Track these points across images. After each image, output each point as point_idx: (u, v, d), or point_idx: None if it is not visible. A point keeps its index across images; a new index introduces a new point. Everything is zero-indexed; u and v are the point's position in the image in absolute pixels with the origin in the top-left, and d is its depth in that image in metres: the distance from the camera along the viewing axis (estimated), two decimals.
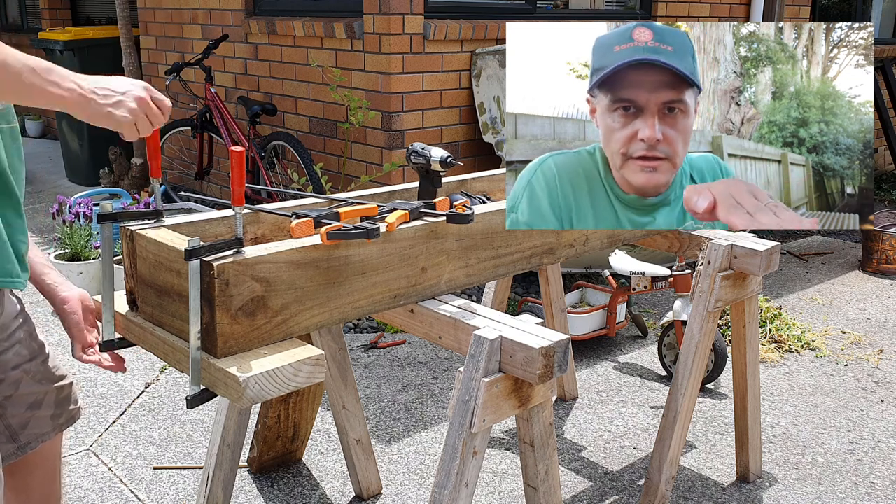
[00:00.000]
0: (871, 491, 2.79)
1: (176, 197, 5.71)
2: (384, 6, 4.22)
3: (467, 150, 4.69)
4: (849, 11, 7.58)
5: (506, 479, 2.83)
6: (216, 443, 2.39)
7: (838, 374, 3.68)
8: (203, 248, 1.49)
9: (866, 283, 4.94)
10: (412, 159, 2.01)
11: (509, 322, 1.82)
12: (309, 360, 1.54)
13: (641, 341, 4.01)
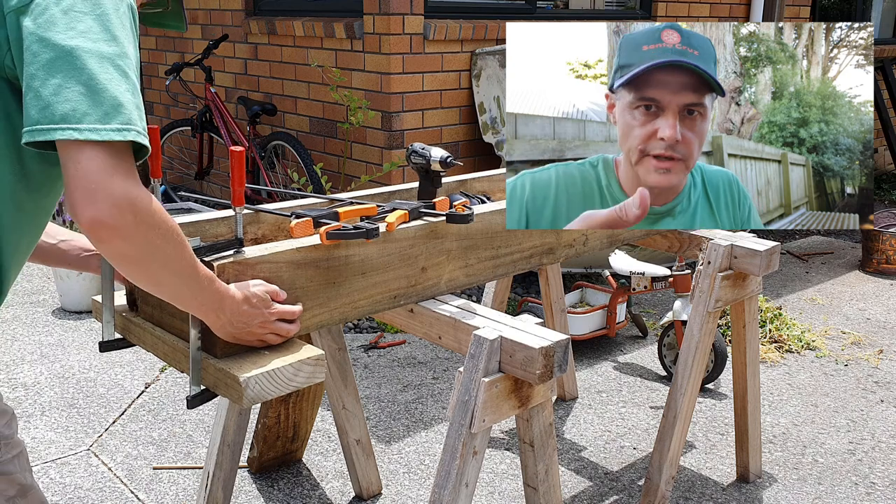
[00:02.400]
0: (871, 491, 2.79)
1: (176, 197, 5.71)
2: (384, 6, 4.22)
3: (467, 150, 4.69)
4: (849, 11, 7.59)
5: (506, 479, 2.83)
6: (216, 443, 2.39)
7: (838, 374, 3.68)
8: (203, 248, 1.49)
9: (866, 283, 4.95)
10: (412, 159, 2.01)
11: (509, 322, 1.82)
12: (309, 361, 1.54)
13: (641, 341, 4.01)
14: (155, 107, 6.39)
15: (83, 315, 4.10)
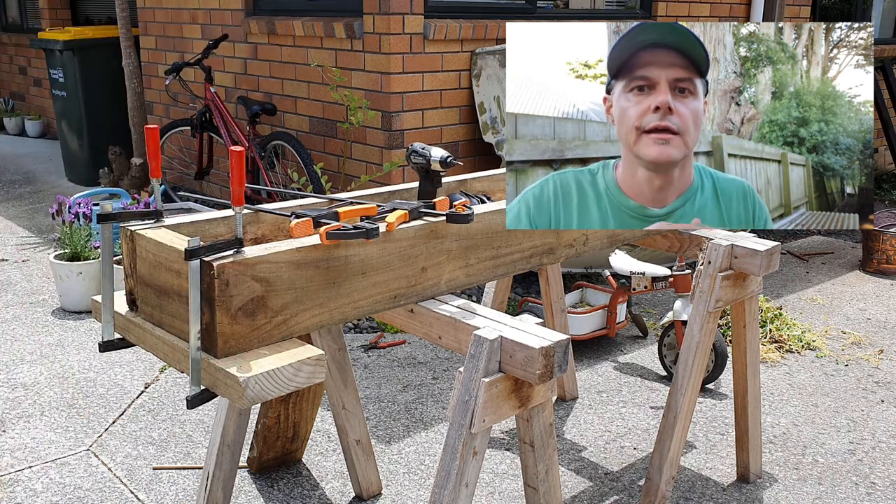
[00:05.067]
0: (871, 491, 2.79)
1: (176, 197, 5.71)
2: (384, 6, 4.22)
3: (467, 150, 4.69)
4: (849, 11, 7.58)
5: (506, 479, 2.83)
6: (216, 443, 2.38)
7: (839, 375, 3.68)
8: (203, 248, 1.49)
9: (866, 283, 4.95)
10: (412, 159, 2.00)
11: (509, 322, 1.82)
12: (309, 361, 1.54)
13: (641, 341, 4.01)
14: (155, 106, 6.39)
15: (83, 315, 4.10)
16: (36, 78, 8.74)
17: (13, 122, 9.04)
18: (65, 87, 6.48)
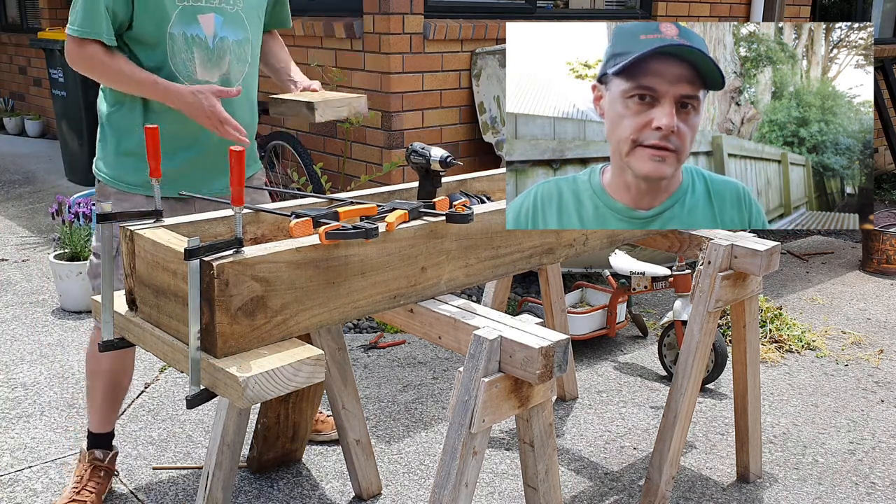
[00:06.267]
0: (871, 491, 2.79)
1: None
2: (384, 6, 4.21)
3: (467, 150, 4.69)
4: (849, 11, 7.58)
5: (506, 479, 2.82)
6: (216, 443, 2.38)
7: (839, 375, 3.68)
8: (202, 247, 1.49)
9: (866, 283, 4.94)
10: (412, 159, 2.00)
11: (509, 322, 1.81)
12: (309, 360, 1.54)
13: (641, 341, 4.01)
14: None
15: (83, 315, 4.10)
16: (36, 78, 8.73)
17: (13, 122, 9.04)
18: (65, 87, 6.48)
